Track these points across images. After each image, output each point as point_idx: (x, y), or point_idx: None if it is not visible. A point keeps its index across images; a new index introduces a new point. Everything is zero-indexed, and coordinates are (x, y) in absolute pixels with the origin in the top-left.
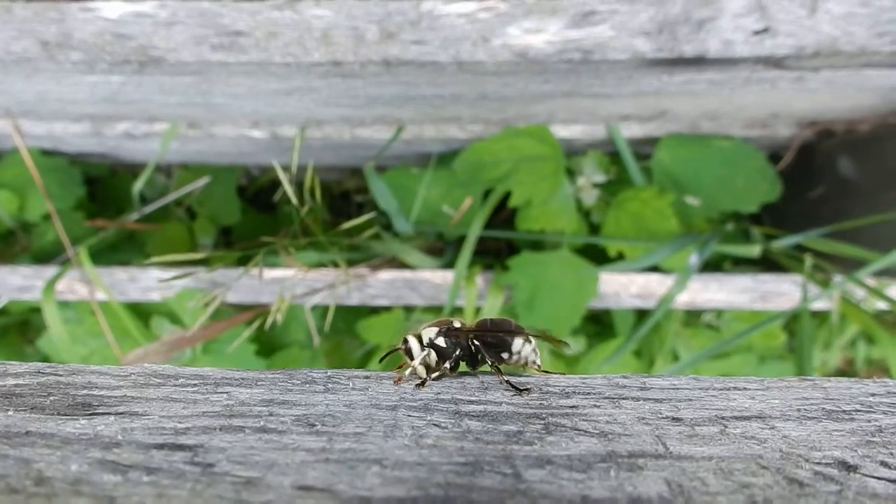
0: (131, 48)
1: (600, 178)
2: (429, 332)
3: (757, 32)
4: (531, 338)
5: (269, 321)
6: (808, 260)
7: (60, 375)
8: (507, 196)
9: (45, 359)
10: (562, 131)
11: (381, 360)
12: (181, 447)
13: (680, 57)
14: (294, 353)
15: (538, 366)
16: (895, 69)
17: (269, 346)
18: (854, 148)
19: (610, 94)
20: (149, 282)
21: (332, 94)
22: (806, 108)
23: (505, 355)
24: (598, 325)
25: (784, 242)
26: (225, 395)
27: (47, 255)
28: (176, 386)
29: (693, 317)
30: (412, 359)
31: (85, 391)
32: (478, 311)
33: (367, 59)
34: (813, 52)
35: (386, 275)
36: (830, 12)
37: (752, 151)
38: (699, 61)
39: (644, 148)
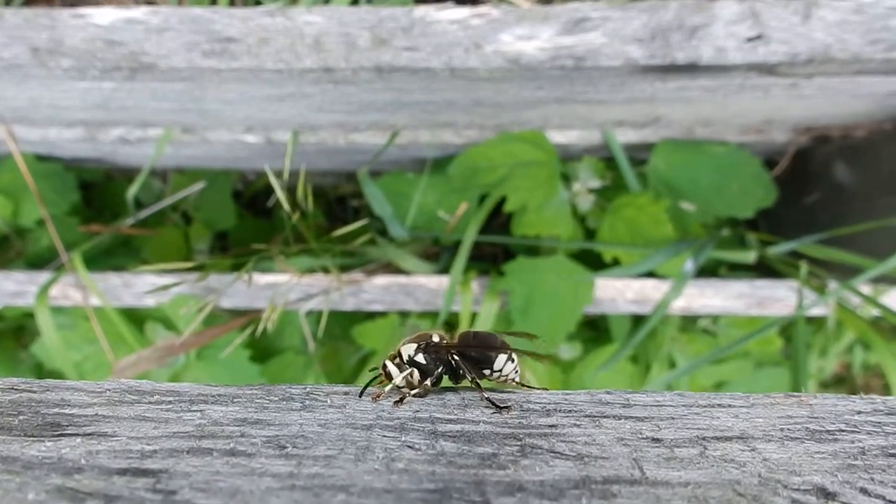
0: (122, 55)
1: (596, 183)
2: (408, 349)
3: (750, 39)
4: (514, 355)
5: (261, 328)
6: (804, 266)
7: (34, 392)
8: (502, 201)
9: (39, 365)
10: (557, 136)
11: (360, 395)
12: (145, 472)
13: (672, 64)
14: (289, 358)
15: (517, 382)
16: (889, 76)
17: (264, 351)
18: (849, 154)
19: (603, 100)
20: (143, 287)
21: (325, 100)
22: (801, 115)
23: (487, 371)
24: (594, 330)
25: (780, 248)
26: (198, 414)
27: (42, 260)
28: (150, 403)
29: (689, 322)
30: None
31: (56, 409)
32: (474, 316)
33: (360, 65)
34: (806, 60)
35: (381, 280)
36: (824, 19)
37: (747, 157)
38: (692, 68)
39: (639, 153)
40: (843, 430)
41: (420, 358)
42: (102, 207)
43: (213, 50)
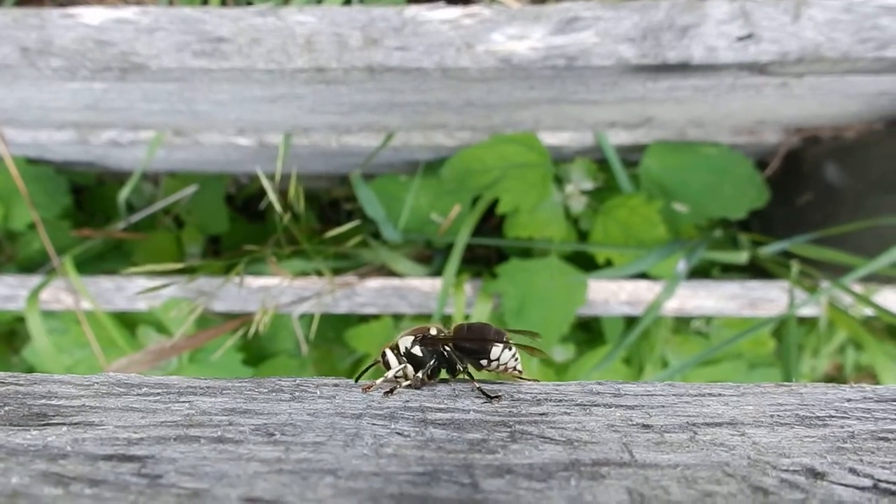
0: (113, 55)
1: (588, 185)
2: (405, 341)
3: (741, 38)
4: (511, 344)
5: (252, 330)
6: (795, 266)
7: (21, 385)
8: (495, 203)
9: (30, 369)
10: (549, 138)
11: (356, 379)
12: (130, 458)
13: (664, 63)
14: (282, 361)
15: (519, 371)
16: (879, 75)
17: (257, 355)
18: (840, 154)
19: (595, 100)
20: (135, 291)
21: (317, 101)
22: (792, 115)
23: (484, 362)
24: (588, 332)
25: (771, 249)
26: (186, 405)
27: (33, 264)
28: (138, 395)
29: (682, 323)
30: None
31: (43, 401)
32: (467, 319)
33: (351, 65)
34: (796, 59)
35: (374, 283)
36: (814, 19)
37: (739, 158)
38: (683, 67)
39: (632, 155)
40: (833, 416)
41: (417, 350)
42: (94, 211)
43: (204, 50)
